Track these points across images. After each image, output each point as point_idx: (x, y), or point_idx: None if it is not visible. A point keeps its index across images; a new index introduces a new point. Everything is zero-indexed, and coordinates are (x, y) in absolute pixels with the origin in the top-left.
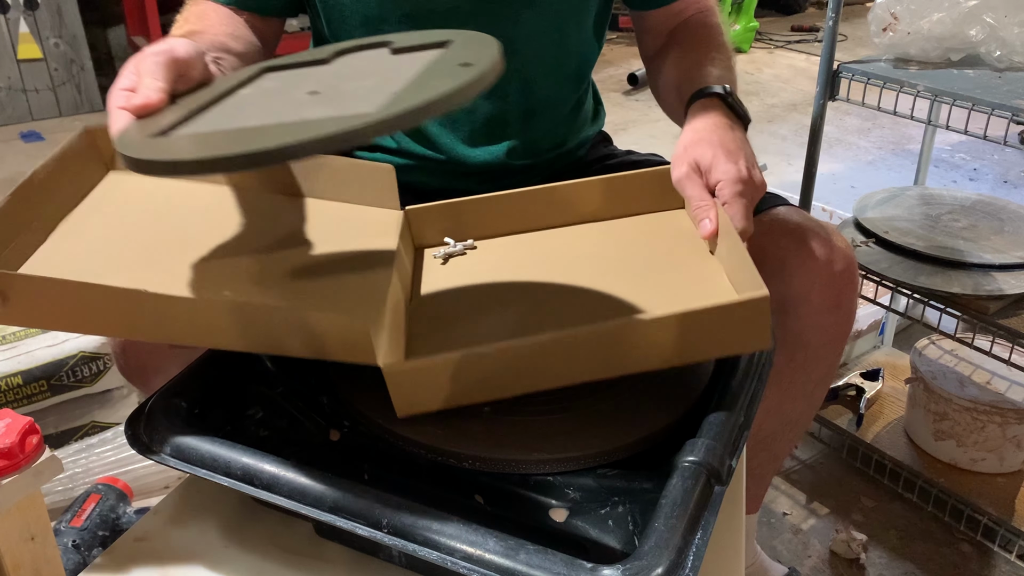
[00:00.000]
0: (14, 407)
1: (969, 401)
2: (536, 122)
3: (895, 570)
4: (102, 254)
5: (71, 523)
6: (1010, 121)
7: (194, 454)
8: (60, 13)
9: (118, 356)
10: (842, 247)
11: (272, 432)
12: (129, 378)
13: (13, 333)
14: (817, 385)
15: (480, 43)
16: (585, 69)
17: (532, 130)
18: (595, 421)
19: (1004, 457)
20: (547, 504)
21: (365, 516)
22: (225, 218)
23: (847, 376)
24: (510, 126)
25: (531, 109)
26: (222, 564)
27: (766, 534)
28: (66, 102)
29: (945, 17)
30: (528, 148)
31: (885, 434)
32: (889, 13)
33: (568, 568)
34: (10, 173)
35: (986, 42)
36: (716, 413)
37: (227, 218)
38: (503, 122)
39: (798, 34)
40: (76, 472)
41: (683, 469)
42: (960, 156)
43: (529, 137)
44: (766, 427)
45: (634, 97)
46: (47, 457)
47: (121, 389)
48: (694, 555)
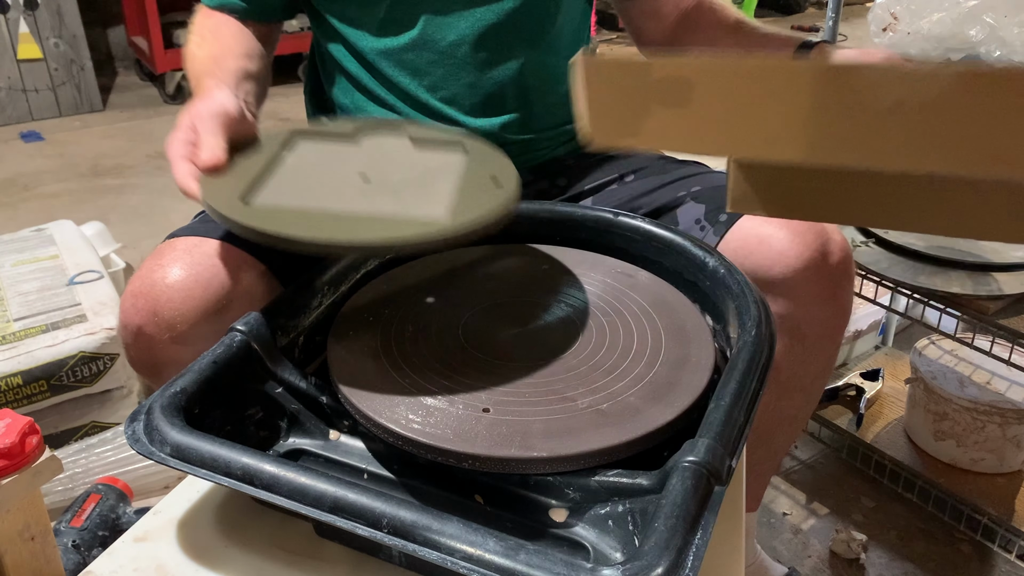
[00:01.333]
0: (14, 407)
1: (969, 401)
2: (533, 97)
3: (895, 570)
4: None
5: (71, 523)
6: None
7: (194, 454)
8: (60, 13)
9: (129, 347)
10: (838, 239)
11: (272, 432)
12: (139, 370)
13: (13, 333)
14: (815, 380)
15: (494, 156)
16: (581, 36)
17: (530, 104)
18: (595, 421)
19: (1004, 457)
20: (547, 504)
21: (365, 516)
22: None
23: (847, 376)
24: (508, 101)
25: (527, 85)
26: (222, 564)
27: (766, 534)
28: (66, 102)
29: (945, 17)
30: (526, 123)
31: (885, 434)
32: (889, 13)
33: (568, 568)
34: (10, 173)
35: (986, 42)
36: (716, 413)
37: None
38: (501, 96)
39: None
40: (76, 472)
41: (683, 469)
42: None
43: (527, 112)
44: (763, 423)
45: None
46: (47, 457)
47: (121, 389)
48: (694, 555)
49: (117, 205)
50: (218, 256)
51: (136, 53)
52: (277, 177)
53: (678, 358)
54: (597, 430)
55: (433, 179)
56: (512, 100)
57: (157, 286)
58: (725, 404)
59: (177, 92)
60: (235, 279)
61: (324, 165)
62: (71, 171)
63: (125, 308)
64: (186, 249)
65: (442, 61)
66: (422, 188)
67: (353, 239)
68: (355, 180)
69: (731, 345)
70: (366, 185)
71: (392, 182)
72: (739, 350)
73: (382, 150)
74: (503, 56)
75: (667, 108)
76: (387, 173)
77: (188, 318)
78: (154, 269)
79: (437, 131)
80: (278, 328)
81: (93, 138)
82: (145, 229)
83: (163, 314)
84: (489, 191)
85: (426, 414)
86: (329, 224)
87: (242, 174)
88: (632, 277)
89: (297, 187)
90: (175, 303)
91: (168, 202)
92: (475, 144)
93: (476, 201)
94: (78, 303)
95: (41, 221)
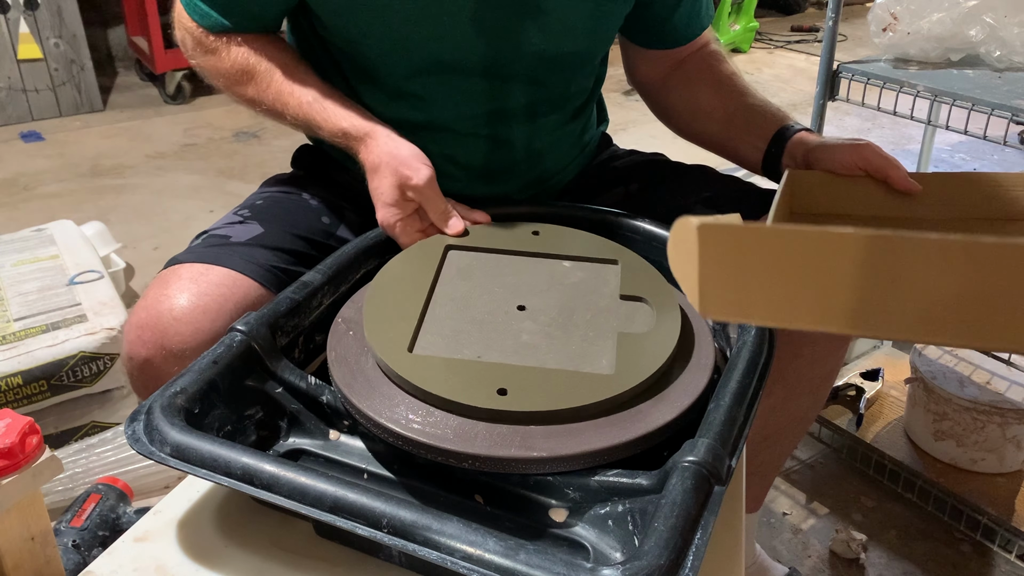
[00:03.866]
0: (14, 407)
1: (969, 401)
2: (541, 162)
3: (895, 570)
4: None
5: (71, 523)
6: (1010, 121)
7: (194, 454)
8: (60, 13)
9: (134, 377)
10: None
11: (272, 432)
12: (144, 397)
13: (13, 333)
14: (822, 382)
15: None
16: (590, 104)
17: (537, 168)
18: (595, 421)
19: (1004, 457)
20: (547, 504)
21: (365, 516)
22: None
23: (847, 376)
24: (517, 166)
25: (537, 151)
26: (222, 564)
27: (766, 534)
28: (66, 102)
29: (945, 17)
30: (534, 183)
31: (885, 434)
32: (889, 13)
33: (568, 568)
34: (10, 173)
35: (986, 42)
36: (716, 413)
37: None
38: (511, 164)
39: (798, 34)
40: (76, 472)
41: (683, 469)
42: (960, 156)
43: (534, 175)
44: (771, 424)
45: (634, 97)
46: (47, 457)
47: (121, 389)
48: (694, 555)
49: (117, 205)
50: (225, 285)
51: (136, 53)
52: (450, 322)
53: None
54: (597, 430)
55: (592, 311)
56: (520, 166)
57: (164, 318)
58: (725, 404)
59: (177, 92)
60: (242, 308)
61: (486, 306)
62: (71, 171)
63: (131, 340)
64: (192, 278)
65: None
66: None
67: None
68: (518, 323)
69: (731, 345)
70: (533, 327)
71: (558, 331)
72: (739, 350)
73: (536, 274)
74: (510, 134)
75: (775, 279)
76: (545, 311)
77: (197, 350)
78: (160, 300)
79: (586, 244)
80: (278, 328)
81: (93, 138)
82: (145, 229)
83: (171, 347)
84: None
85: (426, 413)
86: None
87: (410, 316)
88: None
89: (466, 337)
90: (183, 336)
91: (168, 202)
92: (628, 259)
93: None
94: (78, 303)
95: (41, 221)
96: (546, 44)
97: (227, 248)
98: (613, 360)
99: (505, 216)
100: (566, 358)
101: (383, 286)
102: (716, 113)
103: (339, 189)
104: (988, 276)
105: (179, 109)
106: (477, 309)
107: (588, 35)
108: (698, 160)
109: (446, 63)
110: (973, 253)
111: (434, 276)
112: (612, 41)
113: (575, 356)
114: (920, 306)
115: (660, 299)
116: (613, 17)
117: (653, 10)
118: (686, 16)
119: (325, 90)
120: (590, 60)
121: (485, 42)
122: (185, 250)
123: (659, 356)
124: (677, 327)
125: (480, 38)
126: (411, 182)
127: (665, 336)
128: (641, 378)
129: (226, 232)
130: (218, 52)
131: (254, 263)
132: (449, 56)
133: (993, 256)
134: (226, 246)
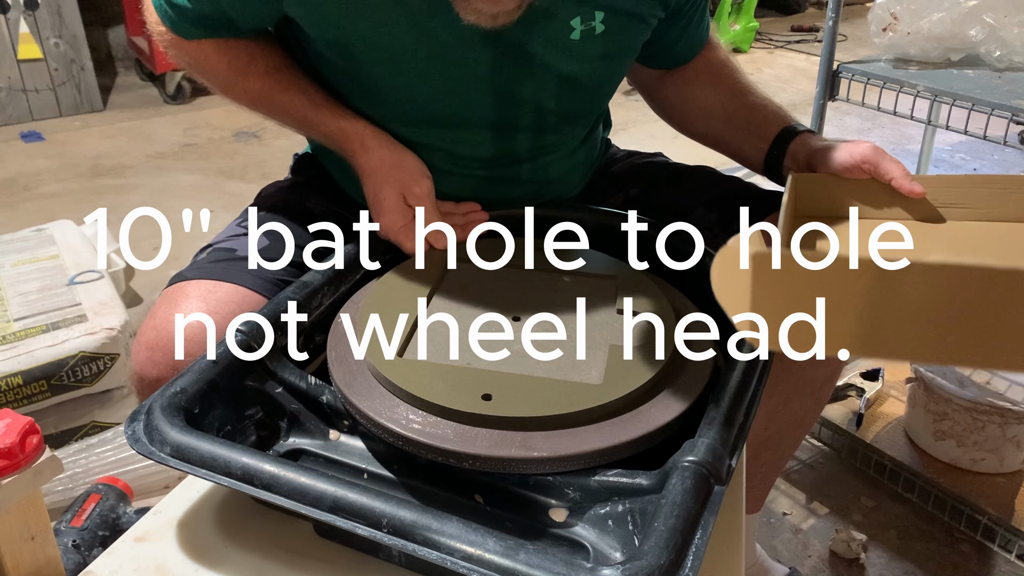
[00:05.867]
0: (14, 407)
1: (969, 401)
2: (549, 190)
3: (895, 570)
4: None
5: (71, 523)
6: (1010, 121)
7: (194, 454)
8: (60, 13)
9: (142, 396)
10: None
11: (272, 432)
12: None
13: (13, 333)
14: (824, 383)
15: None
16: (596, 127)
17: (545, 195)
18: (595, 421)
19: (1004, 457)
20: (547, 504)
21: (365, 516)
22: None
23: (847, 376)
24: (521, 199)
25: (543, 182)
26: (222, 564)
27: (766, 534)
28: (66, 102)
29: (945, 17)
30: (539, 192)
31: (885, 434)
32: (889, 13)
33: (568, 568)
34: (10, 173)
35: (986, 42)
36: (716, 413)
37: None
38: (514, 198)
39: (798, 34)
40: (76, 472)
41: (683, 469)
42: (960, 156)
43: (540, 182)
44: (773, 426)
45: (634, 97)
46: (47, 457)
47: (121, 389)
48: (694, 555)
49: (117, 205)
50: (234, 302)
51: (136, 53)
52: (443, 334)
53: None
54: (597, 430)
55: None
56: (526, 173)
57: (175, 340)
58: (725, 404)
59: (177, 92)
60: None
61: (485, 322)
62: (71, 171)
63: (140, 360)
64: (200, 296)
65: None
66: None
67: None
68: (516, 347)
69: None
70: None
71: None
72: (739, 350)
73: (536, 286)
74: (516, 145)
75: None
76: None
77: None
78: (169, 320)
79: (586, 259)
80: (278, 328)
81: (93, 138)
82: (145, 229)
83: (182, 367)
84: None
85: (425, 413)
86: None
87: (402, 325)
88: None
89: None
90: (195, 356)
91: (168, 202)
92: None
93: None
94: (78, 303)
95: (41, 221)
96: (557, 103)
97: (233, 263)
98: (603, 371)
99: (505, 217)
100: (555, 367)
101: (381, 292)
102: (716, 111)
103: (340, 197)
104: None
105: (179, 109)
106: (472, 318)
107: (597, 91)
108: (699, 159)
109: (453, 117)
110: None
111: (433, 286)
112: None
113: (565, 366)
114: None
115: (655, 312)
116: (623, 71)
117: (654, 49)
118: (688, 41)
119: (318, 89)
120: (599, 108)
121: (494, 100)
122: (190, 265)
123: (647, 370)
124: (669, 342)
125: (489, 96)
126: (413, 191)
127: (655, 351)
128: (628, 389)
129: (231, 245)
130: (194, 55)
131: (261, 278)
132: (457, 111)
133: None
134: (232, 260)
